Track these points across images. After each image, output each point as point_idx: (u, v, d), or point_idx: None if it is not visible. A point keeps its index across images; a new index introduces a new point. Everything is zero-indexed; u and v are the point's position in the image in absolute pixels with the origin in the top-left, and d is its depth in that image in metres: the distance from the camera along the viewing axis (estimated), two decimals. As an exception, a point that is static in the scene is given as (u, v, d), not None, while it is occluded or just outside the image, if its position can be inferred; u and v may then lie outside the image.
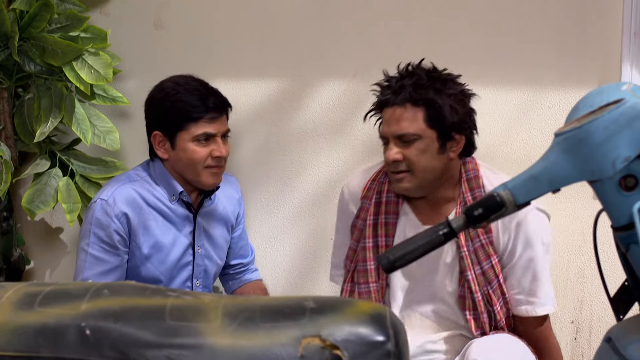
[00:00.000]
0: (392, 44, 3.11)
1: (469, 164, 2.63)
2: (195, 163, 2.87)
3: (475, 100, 2.97)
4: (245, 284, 3.28)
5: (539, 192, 1.63)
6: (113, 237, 2.87)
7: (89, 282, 1.58)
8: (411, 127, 2.49)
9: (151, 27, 3.47)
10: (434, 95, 2.48)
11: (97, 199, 2.90)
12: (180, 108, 2.85)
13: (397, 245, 1.72)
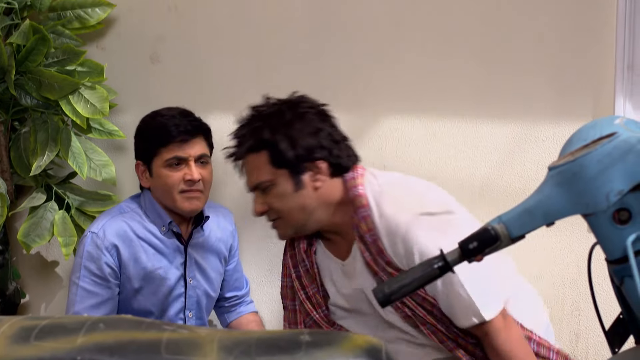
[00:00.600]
0: (387, 80, 3.13)
1: (349, 182, 2.39)
2: (169, 188, 2.90)
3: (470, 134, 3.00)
4: (240, 316, 3.28)
5: (533, 226, 1.63)
6: (104, 269, 2.88)
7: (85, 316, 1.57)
8: (260, 175, 2.39)
9: (147, 62, 3.49)
10: (269, 135, 2.34)
11: (87, 232, 2.92)
12: (152, 134, 2.93)
13: (393, 278, 1.72)
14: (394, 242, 2.29)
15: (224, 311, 3.29)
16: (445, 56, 3.06)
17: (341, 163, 2.39)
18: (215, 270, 3.11)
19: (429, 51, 3.09)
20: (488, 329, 2.29)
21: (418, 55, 3.10)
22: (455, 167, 3.04)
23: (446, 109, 3.06)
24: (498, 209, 1.79)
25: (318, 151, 2.36)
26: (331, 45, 3.21)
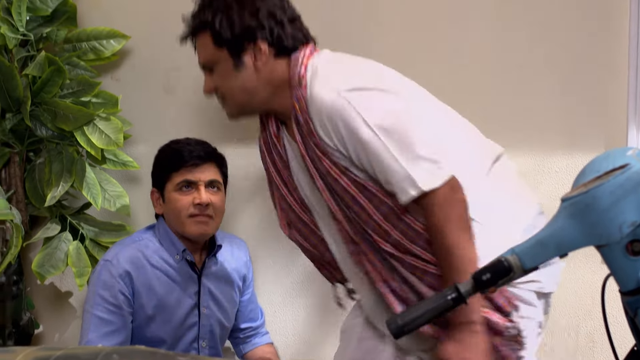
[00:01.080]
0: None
1: (292, 62, 2.36)
2: (178, 212, 2.93)
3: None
4: (255, 347, 3.27)
5: (547, 257, 1.63)
6: (118, 297, 2.89)
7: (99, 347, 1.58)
8: (205, 54, 2.46)
9: (161, 92, 3.50)
10: (210, 16, 2.39)
11: (101, 261, 2.96)
12: (166, 160, 2.99)
13: (406, 310, 1.72)
14: (321, 121, 2.25)
15: (239, 342, 3.29)
16: (455, 88, 3.06)
17: (284, 43, 2.38)
18: (229, 300, 3.10)
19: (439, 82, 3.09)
20: (429, 203, 2.20)
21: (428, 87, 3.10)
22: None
23: (459, 140, 3.06)
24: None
25: (258, 31, 2.36)
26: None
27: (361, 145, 2.21)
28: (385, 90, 2.28)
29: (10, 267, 3.38)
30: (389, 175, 2.20)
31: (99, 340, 2.85)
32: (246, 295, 3.20)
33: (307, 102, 2.26)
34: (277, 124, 2.47)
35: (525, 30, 3.03)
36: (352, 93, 2.22)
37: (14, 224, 3.13)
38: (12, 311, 3.45)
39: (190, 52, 3.39)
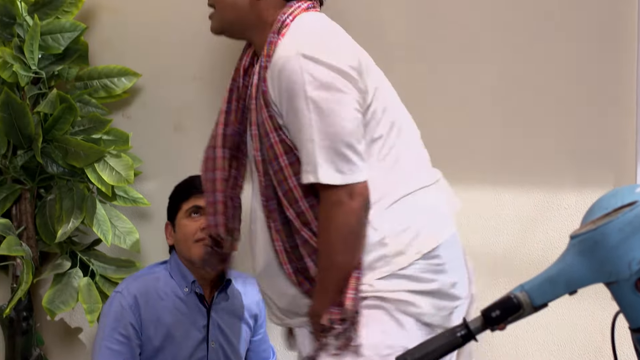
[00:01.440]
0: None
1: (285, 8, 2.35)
2: (186, 237, 2.96)
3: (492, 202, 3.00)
4: None
5: (556, 294, 1.63)
6: (128, 328, 2.91)
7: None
8: None
9: (171, 130, 3.52)
10: None
11: (113, 292, 2.98)
12: (178, 191, 3.05)
13: (416, 346, 1.72)
14: (273, 72, 2.23)
15: None
16: (465, 123, 3.08)
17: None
18: (239, 337, 3.10)
19: (449, 118, 3.10)
20: (323, 196, 2.19)
21: (438, 122, 3.11)
22: (477, 234, 3.04)
23: (467, 176, 3.06)
24: (520, 277, 1.80)
25: None
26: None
27: (292, 112, 2.19)
28: (345, 76, 2.20)
29: (20, 303, 3.39)
30: (302, 151, 2.18)
31: None
32: (258, 335, 3.20)
33: (275, 50, 2.26)
34: (252, 59, 2.47)
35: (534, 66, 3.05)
36: (310, 62, 2.18)
37: (24, 260, 3.15)
38: (22, 347, 3.45)
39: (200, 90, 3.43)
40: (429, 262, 2.23)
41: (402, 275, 2.21)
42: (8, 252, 3.10)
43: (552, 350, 2.96)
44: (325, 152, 2.15)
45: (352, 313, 2.17)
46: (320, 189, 2.18)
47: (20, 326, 3.43)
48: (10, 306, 3.23)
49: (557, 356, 2.95)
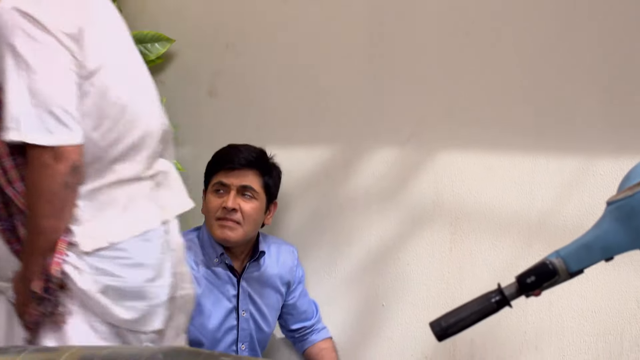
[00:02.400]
0: (442, 114, 3.12)
1: None
2: (208, 213, 3.00)
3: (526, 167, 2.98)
4: (313, 344, 3.26)
5: (592, 261, 1.62)
6: None
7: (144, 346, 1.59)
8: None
9: (205, 95, 3.52)
10: None
11: None
12: (212, 162, 3.06)
13: (450, 312, 1.72)
14: None
15: (296, 341, 3.29)
16: (501, 89, 3.05)
17: None
18: (270, 305, 3.11)
19: (485, 84, 3.08)
20: (29, 156, 2.09)
21: (473, 88, 3.09)
22: (512, 201, 3.02)
23: (503, 143, 3.04)
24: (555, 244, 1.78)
25: None
26: (387, 79, 3.22)
27: (3, 63, 2.09)
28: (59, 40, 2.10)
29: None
30: (8, 105, 2.07)
31: None
32: (292, 299, 3.20)
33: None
34: None
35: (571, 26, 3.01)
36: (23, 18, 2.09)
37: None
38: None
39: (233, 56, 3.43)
40: (113, 253, 2.18)
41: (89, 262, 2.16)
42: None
43: (586, 316, 2.94)
44: (33, 109, 2.05)
45: (59, 280, 2.12)
46: (28, 148, 2.07)
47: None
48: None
49: (592, 323, 2.94)
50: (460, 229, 3.08)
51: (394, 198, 3.21)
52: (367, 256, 3.27)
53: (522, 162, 3.01)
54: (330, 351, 3.27)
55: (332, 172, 3.30)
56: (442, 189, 3.12)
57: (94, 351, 1.52)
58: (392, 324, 3.23)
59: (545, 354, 3.01)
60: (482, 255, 3.06)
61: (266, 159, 3.07)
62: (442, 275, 3.13)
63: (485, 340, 3.08)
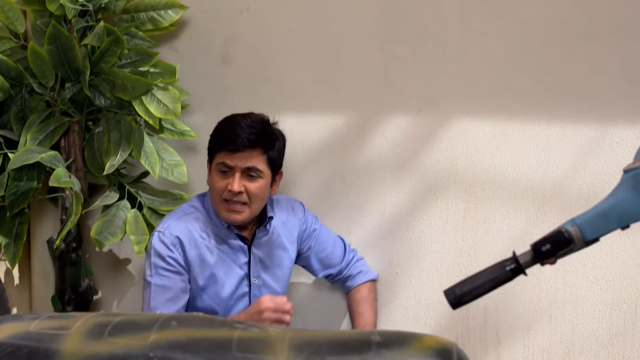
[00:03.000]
0: (457, 81, 3.11)
1: None
2: (214, 194, 2.95)
3: (542, 135, 2.96)
4: (348, 291, 3.24)
5: (608, 229, 1.61)
6: (172, 264, 2.90)
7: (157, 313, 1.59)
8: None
9: (219, 62, 3.51)
10: None
11: (154, 232, 2.95)
12: (214, 136, 2.98)
13: (465, 280, 1.71)
14: None
15: (337, 284, 3.29)
16: (516, 56, 3.03)
17: None
18: (282, 266, 3.09)
19: (499, 51, 3.06)
20: None
21: (488, 55, 3.07)
22: (527, 169, 3.01)
23: (517, 111, 3.02)
24: (570, 212, 1.77)
25: None
26: (401, 46, 3.20)
27: None
28: None
29: (69, 235, 3.43)
30: None
31: (161, 306, 2.86)
32: (307, 251, 3.15)
33: None
34: None
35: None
36: None
37: (73, 192, 3.17)
38: (71, 278, 3.49)
39: (247, 22, 3.41)
40: None
41: None
42: (57, 184, 3.11)
43: (601, 285, 2.93)
44: None
45: None
46: None
47: (69, 257, 3.47)
48: (60, 237, 3.26)
49: (606, 291, 2.93)
50: (475, 197, 3.08)
51: (408, 166, 3.20)
52: (381, 224, 3.26)
53: (537, 130, 2.99)
54: (359, 304, 3.21)
55: (346, 140, 3.29)
56: (456, 157, 3.10)
57: (108, 318, 1.52)
58: (406, 292, 3.23)
59: (559, 323, 3.00)
60: (496, 223, 3.05)
61: (269, 133, 2.98)
62: (456, 243, 3.12)
63: (499, 309, 3.08)
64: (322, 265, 3.20)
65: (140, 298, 3.02)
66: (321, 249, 3.20)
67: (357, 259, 3.25)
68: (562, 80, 2.96)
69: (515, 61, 3.02)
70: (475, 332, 3.13)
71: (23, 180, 3.30)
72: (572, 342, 3.00)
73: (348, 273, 3.22)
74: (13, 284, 3.73)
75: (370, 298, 3.20)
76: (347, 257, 3.23)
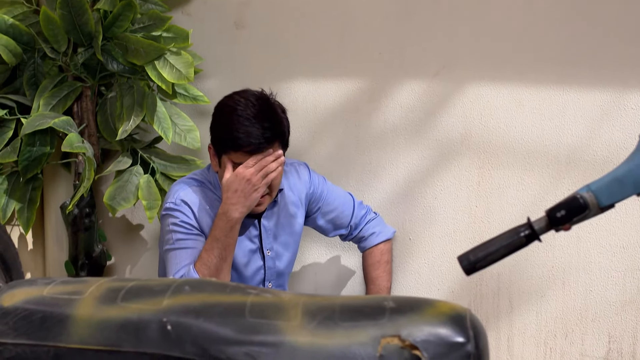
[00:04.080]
0: (472, 46, 3.09)
1: None
2: None
3: (556, 102, 2.94)
4: (363, 252, 3.21)
5: (623, 195, 1.60)
6: (189, 227, 2.84)
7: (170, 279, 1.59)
8: None
9: (232, 27, 3.50)
10: None
11: (165, 204, 2.88)
12: (224, 134, 2.79)
13: (479, 246, 1.70)
14: None
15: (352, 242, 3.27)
16: (530, 21, 3.01)
17: None
18: (292, 233, 3.05)
19: (514, 16, 3.04)
20: None
21: (503, 20, 3.05)
22: (541, 135, 3.00)
23: (532, 76, 3.01)
24: (585, 179, 1.76)
25: None
26: (416, 11, 3.18)
27: None
28: None
29: (82, 200, 3.43)
30: None
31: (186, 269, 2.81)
32: (315, 213, 3.13)
33: None
34: None
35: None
36: None
37: (86, 157, 3.17)
38: (84, 243, 3.50)
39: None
40: None
41: None
42: (70, 149, 3.12)
43: (615, 252, 2.93)
44: None
45: None
46: None
47: (83, 223, 3.48)
48: (73, 202, 3.27)
49: (620, 258, 2.92)
50: (489, 163, 3.07)
51: (422, 132, 3.18)
52: (394, 190, 3.26)
53: (552, 96, 2.98)
54: (371, 269, 3.18)
55: (360, 106, 3.28)
56: (470, 122, 3.09)
57: (122, 283, 1.53)
58: (419, 258, 3.23)
59: (572, 289, 3.00)
60: (510, 189, 3.04)
61: (280, 120, 2.84)
62: (470, 209, 3.12)
63: (512, 275, 3.08)
64: (332, 226, 3.16)
65: (153, 263, 3.02)
66: (330, 209, 3.15)
67: (371, 217, 3.20)
68: (576, 46, 2.94)
69: (531, 27, 3.00)
70: (488, 298, 3.13)
71: (36, 146, 3.30)
72: (585, 308, 3.00)
73: (360, 234, 3.18)
74: (27, 249, 3.74)
75: (382, 261, 3.18)
76: (357, 215, 3.17)
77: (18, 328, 1.45)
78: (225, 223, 2.74)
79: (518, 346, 3.10)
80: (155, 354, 1.39)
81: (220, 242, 2.74)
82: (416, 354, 1.34)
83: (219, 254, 2.74)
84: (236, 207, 2.73)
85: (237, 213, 2.74)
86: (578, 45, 2.95)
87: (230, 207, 2.73)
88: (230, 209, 2.73)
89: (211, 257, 2.74)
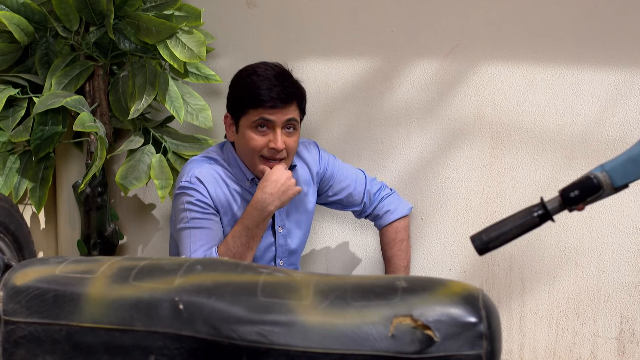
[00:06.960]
0: (485, 23, 3.07)
1: None
2: (251, 151, 2.84)
3: (570, 81, 2.93)
4: (380, 230, 3.19)
5: (637, 175, 1.59)
6: (204, 206, 2.84)
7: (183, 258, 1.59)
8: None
9: (244, 6, 3.48)
10: None
11: (178, 182, 2.88)
12: (245, 92, 2.83)
13: (491, 226, 1.70)
14: None
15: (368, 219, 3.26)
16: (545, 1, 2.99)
17: None
18: (305, 211, 3.06)
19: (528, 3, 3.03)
20: None
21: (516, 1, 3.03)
22: (555, 115, 2.98)
23: (546, 55, 2.99)
24: (598, 159, 1.76)
25: None
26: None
27: None
28: None
29: (94, 179, 3.43)
30: None
31: (202, 249, 2.81)
32: (328, 191, 3.12)
33: None
34: None
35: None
36: None
37: (98, 137, 3.17)
38: (97, 222, 3.51)
39: (273, -36, 3.36)
40: None
41: None
42: (82, 128, 3.12)
43: (627, 232, 2.92)
44: None
45: None
46: None
47: (95, 202, 3.49)
48: (85, 182, 3.27)
49: (632, 239, 2.92)
50: (501, 143, 3.06)
51: (434, 111, 3.18)
52: (406, 169, 3.25)
53: (566, 75, 2.97)
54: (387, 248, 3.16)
55: (372, 84, 3.27)
56: (483, 102, 3.08)
57: (134, 262, 1.53)
58: (431, 238, 3.23)
59: (585, 270, 2.99)
60: (523, 169, 3.03)
61: (298, 84, 2.92)
62: (482, 189, 3.11)
63: (525, 256, 3.08)
64: (345, 203, 3.16)
65: (165, 243, 3.01)
66: (341, 187, 3.15)
67: (386, 194, 3.18)
68: (590, 25, 2.93)
69: (544, 5, 2.99)
70: (500, 278, 3.13)
71: (48, 125, 3.31)
72: (597, 289, 2.99)
73: (375, 212, 3.17)
74: (39, 228, 3.75)
75: (397, 240, 3.16)
76: (370, 191, 3.16)
77: (30, 307, 1.45)
78: (260, 213, 2.78)
79: (530, 326, 3.10)
80: (167, 332, 1.40)
81: (250, 232, 2.77)
82: (428, 334, 1.34)
83: (245, 242, 2.77)
84: (272, 200, 2.78)
85: (273, 206, 2.79)
86: (592, 24, 2.93)
87: (268, 197, 2.78)
88: (267, 200, 2.78)
89: (237, 244, 2.76)
